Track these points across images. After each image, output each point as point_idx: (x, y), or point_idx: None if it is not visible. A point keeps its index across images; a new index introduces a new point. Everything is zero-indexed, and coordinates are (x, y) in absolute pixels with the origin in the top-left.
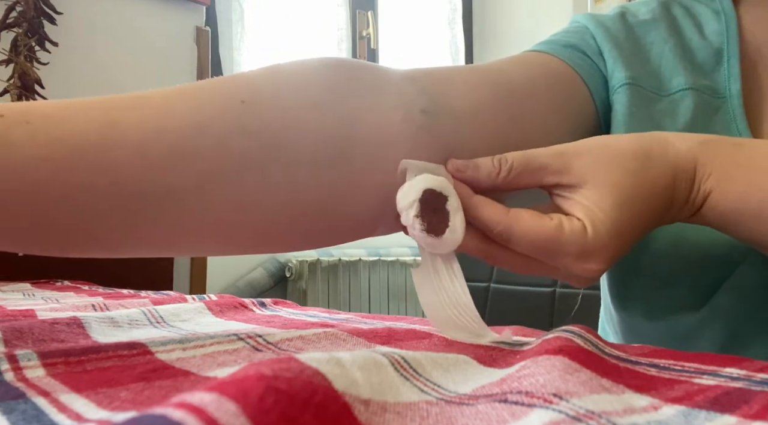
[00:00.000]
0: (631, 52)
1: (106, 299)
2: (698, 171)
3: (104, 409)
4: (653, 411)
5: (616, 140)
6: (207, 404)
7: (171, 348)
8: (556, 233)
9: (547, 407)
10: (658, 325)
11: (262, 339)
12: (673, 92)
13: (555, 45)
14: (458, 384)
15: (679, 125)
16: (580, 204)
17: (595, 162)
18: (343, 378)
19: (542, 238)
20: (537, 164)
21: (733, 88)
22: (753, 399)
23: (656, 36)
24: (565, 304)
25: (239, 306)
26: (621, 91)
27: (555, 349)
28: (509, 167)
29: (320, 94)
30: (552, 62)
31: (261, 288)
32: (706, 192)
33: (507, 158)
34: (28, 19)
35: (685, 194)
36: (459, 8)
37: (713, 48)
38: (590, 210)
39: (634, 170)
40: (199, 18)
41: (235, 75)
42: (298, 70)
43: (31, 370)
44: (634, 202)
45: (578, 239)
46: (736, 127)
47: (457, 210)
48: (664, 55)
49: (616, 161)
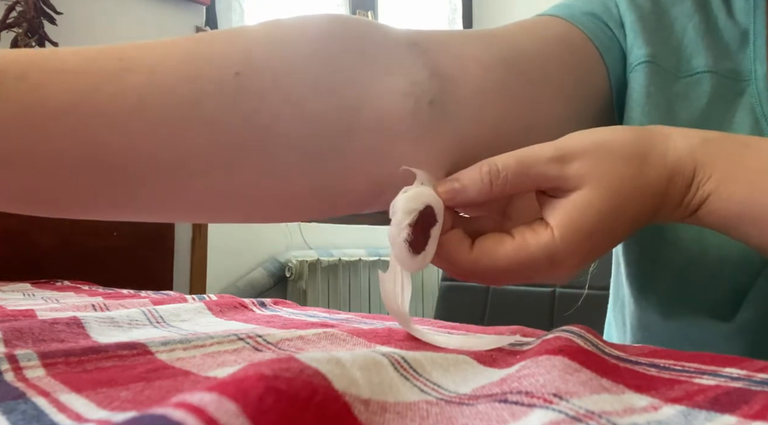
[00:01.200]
0: (654, 27)
1: (106, 299)
2: (697, 172)
3: (104, 409)
4: (653, 411)
5: (616, 139)
6: (207, 404)
7: (171, 347)
8: (520, 253)
9: (547, 407)
10: (672, 325)
11: (262, 339)
12: (691, 74)
13: (574, 11)
14: (458, 384)
15: (693, 110)
16: (561, 208)
17: (590, 166)
18: (343, 378)
19: (510, 264)
20: (534, 174)
21: (759, 70)
22: (753, 399)
23: (681, 11)
24: (565, 304)
25: (239, 306)
26: (639, 69)
27: (555, 349)
28: (504, 180)
29: (320, 74)
30: (569, 33)
31: (261, 288)
32: (705, 195)
33: (498, 168)
34: (28, 19)
35: (679, 197)
36: (459, 8)
37: (740, 28)
38: (568, 215)
39: (629, 174)
40: (199, 18)
41: (232, 34)
42: (297, 38)
43: (31, 370)
44: (621, 208)
45: (545, 249)
46: (761, 110)
47: (435, 240)
48: (687, 33)
49: (613, 164)
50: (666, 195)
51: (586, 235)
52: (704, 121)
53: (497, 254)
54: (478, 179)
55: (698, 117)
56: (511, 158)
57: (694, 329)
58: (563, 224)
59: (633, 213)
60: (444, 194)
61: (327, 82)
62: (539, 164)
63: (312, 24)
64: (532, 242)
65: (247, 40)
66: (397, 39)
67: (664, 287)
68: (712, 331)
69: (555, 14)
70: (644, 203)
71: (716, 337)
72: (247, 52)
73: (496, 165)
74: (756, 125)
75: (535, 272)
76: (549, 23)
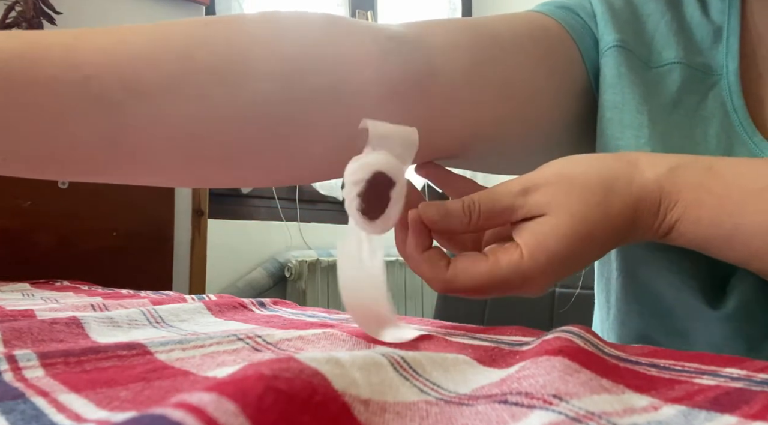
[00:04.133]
0: (625, 19)
1: (106, 299)
2: (663, 200)
3: (103, 409)
4: (653, 411)
5: (580, 169)
6: (206, 404)
7: (170, 348)
8: (494, 271)
9: (547, 408)
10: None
11: (261, 339)
12: (662, 65)
13: (549, 5)
14: (458, 384)
15: (665, 97)
16: (528, 230)
17: (555, 193)
18: (342, 378)
19: (484, 281)
20: (501, 208)
21: (731, 65)
22: (753, 399)
23: (655, 8)
24: (565, 304)
25: (239, 306)
26: (609, 53)
27: (555, 350)
28: (477, 214)
29: (291, 22)
30: (542, 20)
31: (260, 288)
32: (672, 221)
33: (474, 203)
34: (27, 19)
35: (648, 223)
36: (458, 8)
37: (714, 26)
38: (534, 237)
39: (595, 202)
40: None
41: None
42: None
43: (31, 370)
44: (589, 234)
45: (515, 267)
46: (731, 104)
47: (398, 200)
48: (659, 28)
49: (577, 193)
50: (634, 222)
51: (552, 256)
52: (676, 108)
53: (472, 273)
54: (459, 211)
55: (669, 104)
56: (483, 194)
57: (681, 311)
58: (531, 244)
59: (601, 239)
60: (426, 216)
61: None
62: (508, 198)
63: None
64: (503, 262)
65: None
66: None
67: (650, 265)
68: (699, 316)
69: (529, 10)
70: (613, 230)
71: (703, 323)
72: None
73: (472, 200)
74: (726, 118)
75: (508, 288)
76: (522, 14)
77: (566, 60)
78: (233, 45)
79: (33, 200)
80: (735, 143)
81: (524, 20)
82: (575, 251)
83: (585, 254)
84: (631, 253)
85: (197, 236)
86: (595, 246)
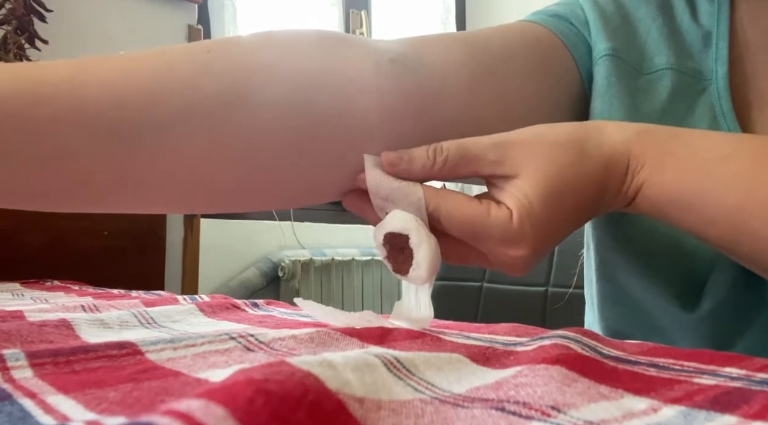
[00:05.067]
0: (616, 26)
1: (96, 300)
2: (631, 162)
3: (92, 411)
4: (653, 413)
5: (552, 131)
6: (194, 410)
7: (161, 347)
8: (482, 215)
9: (545, 420)
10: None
11: (254, 338)
12: (653, 71)
13: (541, 15)
14: (452, 383)
15: (654, 104)
16: (510, 194)
17: (529, 153)
18: (335, 379)
19: (468, 218)
20: (472, 155)
21: (720, 70)
22: (753, 399)
23: (646, 13)
24: (557, 303)
25: (231, 307)
26: (601, 62)
27: (552, 358)
28: (444, 158)
29: (290, 44)
30: (535, 29)
31: (254, 288)
32: (639, 183)
33: (443, 148)
34: (17, 17)
35: (617, 185)
36: (452, 8)
37: (703, 30)
38: (518, 200)
39: (567, 162)
40: (191, 16)
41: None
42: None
43: (19, 371)
44: (564, 194)
45: (502, 225)
46: (720, 108)
47: (420, 245)
48: (651, 33)
49: (550, 153)
50: (605, 184)
51: (536, 219)
52: (664, 115)
53: (461, 204)
54: (424, 155)
55: (659, 111)
56: (453, 141)
57: (658, 313)
58: (518, 207)
59: (576, 200)
60: (389, 160)
61: (296, 48)
62: (478, 148)
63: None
64: (493, 213)
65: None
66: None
67: (627, 271)
68: (676, 319)
69: (522, 20)
70: (586, 191)
71: (680, 325)
72: (215, 41)
73: (441, 145)
74: (714, 122)
75: (487, 241)
76: (514, 24)
77: (560, 68)
78: (237, 73)
79: None
80: None
81: (517, 31)
82: (555, 214)
83: (563, 218)
84: (609, 258)
85: (189, 236)
86: (570, 209)
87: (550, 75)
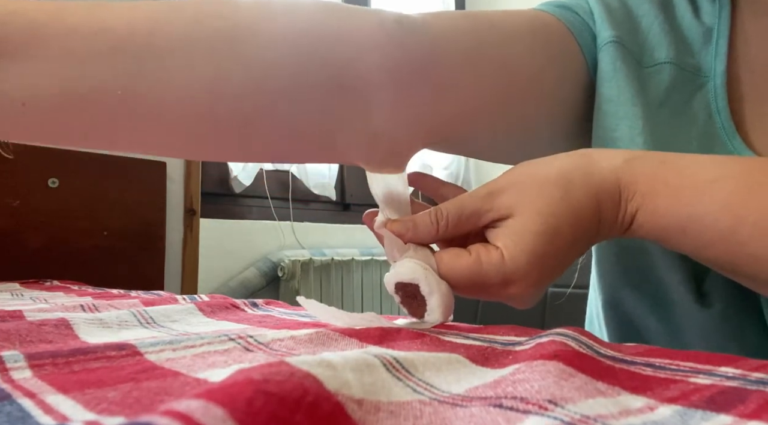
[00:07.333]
0: (620, 19)
1: (96, 300)
2: (623, 191)
3: (91, 411)
4: (649, 412)
5: (542, 169)
6: (194, 410)
7: (161, 348)
8: (474, 267)
9: (543, 414)
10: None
11: (253, 339)
12: (653, 65)
13: (547, 5)
14: (451, 384)
15: (653, 97)
16: (502, 233)
17: (520, 193)
18: (334, 380)
19: (464, 276)
20: (468, 212)
21: (719, 67)
22: (748, 399)
23: (648, 9)
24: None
25: (231, 307)
26: (606, 48)
27: (550, 354)
28: (445, 222)
29: (295, 3)
30: (541, 15)
31: (253, 288)
32: (633, 211)
33: (442, 212)
34: None
35: (612, 214)
36: (452, 7)
37: (704, 27)
38: (510, 238)
39: (558, 196)
40: None
41: None
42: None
43: (18, 371)
44: (558, 227)
45: (497, 268)
46: (716, 106)
47: (431, 294)
48: (652, 29)
49: (540, 190)
50: (600, 214)
51: (530, 254)
52: (662, 107)
53: (453, 265)
54: (427, 221)
55: (657, 103)
56: (451, 202)
57: (662, 308)
58: (509, 246)
59: (571, 231)
60: (395, 232)
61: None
62: (474, 203)
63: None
64: (485, 259)
65: None
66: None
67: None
68: (682, 314)
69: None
70: (580, 222)
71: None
72: None
73: (440, 209)
74: (709, 119)
75: (490, 287)
76: (521, 9)
77: (566, 52)
78: (243, 18)
79: (22, 199)
80: (715, 144)
81: (524, 14)
82: (550, 248)
83: (559, 251)
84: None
85: (189, 236)
86: (566, 242)
87: (556, 57)
